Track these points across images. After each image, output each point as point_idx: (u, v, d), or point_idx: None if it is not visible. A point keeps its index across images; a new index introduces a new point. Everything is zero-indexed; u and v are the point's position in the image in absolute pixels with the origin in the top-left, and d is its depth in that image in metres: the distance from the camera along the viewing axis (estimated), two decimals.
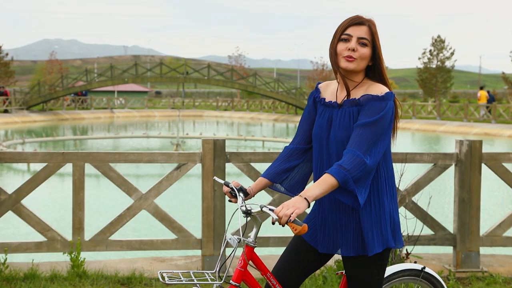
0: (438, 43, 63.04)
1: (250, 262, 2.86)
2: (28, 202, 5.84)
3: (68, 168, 5.89)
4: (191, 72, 49.32)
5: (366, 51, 2.85)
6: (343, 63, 2.86)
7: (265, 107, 55.88)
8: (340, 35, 2.88)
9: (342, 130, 2.85)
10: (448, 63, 63.13)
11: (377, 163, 2.77)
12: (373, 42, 2.87)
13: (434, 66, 62.76)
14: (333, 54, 2.90)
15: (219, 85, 50.35)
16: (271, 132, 36.60)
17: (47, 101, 48.61)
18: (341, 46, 2.87)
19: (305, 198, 2.62)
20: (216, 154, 5.62)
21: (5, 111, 44.11)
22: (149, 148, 27.05)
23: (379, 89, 2.84)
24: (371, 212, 2.83)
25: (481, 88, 41.55)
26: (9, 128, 38.27)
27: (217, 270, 2.84)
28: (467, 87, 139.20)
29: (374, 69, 2.91)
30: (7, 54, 58.98)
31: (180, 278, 2.76)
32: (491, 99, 38.90)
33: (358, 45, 2.85)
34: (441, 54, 62.96)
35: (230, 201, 3.01)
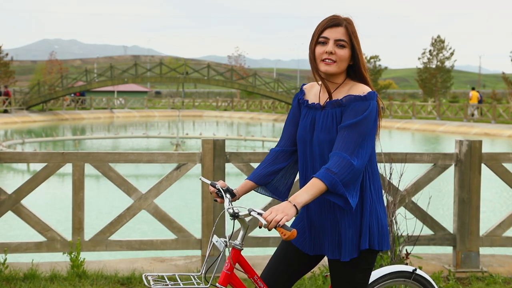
0: (438, 43, 63.07)
1: (237, 265, 2.82)
2: (28, 202, 5.84)
3: (68, 168, 5.89)
4: (191, 72, 49.32)
5: (344, 52, 2.81)
6: (323, 67, 2.83)
7: (265, 107, 55.88)
8: (317, 38, 2.84)
9: (325, 132, 2.82)
10: (447, 63, 63.19)
11: (365, 164, 2.74)
12: (351, 42, 2.83)
13: (433, 66, 62.79)
14: (312, 57, 2.87)
15: (219, 85, 50.36)
16: (271, 132, 36.61)
17: (47, 101, 48.62)
18: (319, 50, 2.84)
19: (294, 205, 2.59)
20: (216, 154, 5.62)
21: (5, 111, 44.12)
22: (149, 148, 27.06)
23: (361, 89, 2.80)
24: (357, 214, 2.81)
25: (473, 89, 42.75)
26: (9, 128, 38.27)
27: (203, 272, 2.80)
28: (467, 87, 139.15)
29: (355, 69, 2.88)
30: (7, 54, 58.99)
31: (166, 282, 2.72)
32: (481, 99, 40.47)
33: (336, 47, 2.81)
34: (440, 54, 62.99)
35: (215, 200, 2.97)
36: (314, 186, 2.65)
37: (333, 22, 2.83)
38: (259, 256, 6.25)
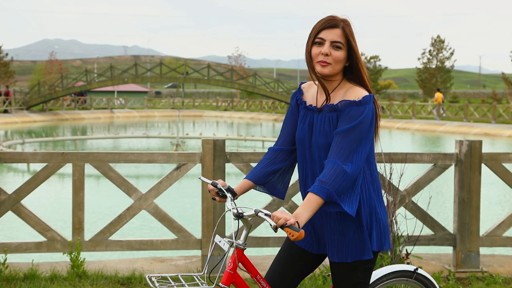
0: (438, 43, 63.13)
1: (240, 264, 2.83)
2: (28, 202, 5.84)
3: (68, 168, 5.89)
4: (191, 72, 49.34)
5: (340, 54, 2.81)
6: (318, 68, 2.83)
7: (265, 107, 55.89)
8: (313, 39, 2.84)
9: (323, 136, 2.83)
10: (447, 63, 63.26)
11: (361, 168, 2.73)
12: (348, 44, 2.83)
13: (433, 66, 62.82)
14: (308, 57, 2.87)
15: (219, 85, 50.37)
16: (271, 132, 36.60)
17: (47, 101, 48.62)
18: (315, 50, 2.84)
19: (296, 222, 2.59)
20: (216, 154, 5.62)
21: (5, 111, 44.12)
22: (149, 148, 27.05)
23: (356, 94, 2.80)
24: (356, 216, 2.81)
25: (438, 90, 44.19)
26: (9, 128, 38.27)
27: (206, 272, 2.80)
28: (467, 87, 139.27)
29: (352, 70, 2.88)
30: (7, 54, 58.99)
31: (170, 283, 2.72)
32: (443, 100, 43.05)
33: (332, 48, 2.81)
34: (440, 54, 63.05)
35: (214, 199, 2.95)
36: (312, 202, 2.66)
37: (330, 23, 2.82)
38: (259, 256, 6.25)
